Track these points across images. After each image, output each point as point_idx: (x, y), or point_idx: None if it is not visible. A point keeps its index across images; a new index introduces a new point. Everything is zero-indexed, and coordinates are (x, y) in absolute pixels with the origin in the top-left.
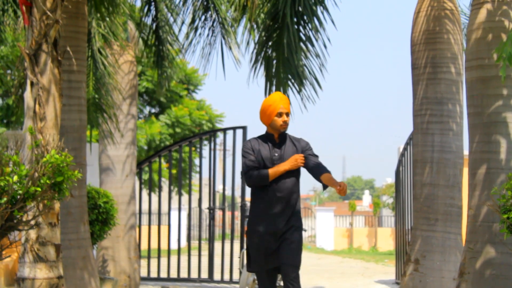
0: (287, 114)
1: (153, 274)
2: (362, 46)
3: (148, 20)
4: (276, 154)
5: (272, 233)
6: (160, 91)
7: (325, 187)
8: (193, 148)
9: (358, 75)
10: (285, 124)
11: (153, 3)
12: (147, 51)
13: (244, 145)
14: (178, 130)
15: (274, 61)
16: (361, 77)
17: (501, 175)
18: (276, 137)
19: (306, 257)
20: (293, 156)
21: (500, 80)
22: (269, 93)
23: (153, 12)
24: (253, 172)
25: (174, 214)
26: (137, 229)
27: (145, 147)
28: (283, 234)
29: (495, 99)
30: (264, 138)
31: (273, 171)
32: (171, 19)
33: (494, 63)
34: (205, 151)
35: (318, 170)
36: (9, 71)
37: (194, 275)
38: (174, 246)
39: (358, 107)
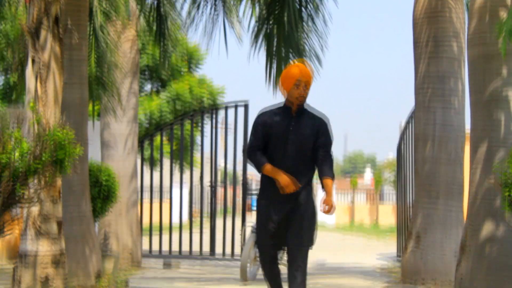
0: (306, 86)
1: (155, 250)
2: (364, 23)
3: None
4: (292, 129)
5: (281, 208)
6: (163, 68)
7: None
8: (194, 124)
9: (360, 51)
10: (302, 97)
11: None
12: (148, 29)
13: (255, 119)
14: (178, 106)
15: (275, 38)
16: (362, 54)
17: (503, 152)
18: (294, 109)
19: None
20: (293, 182)
21: (501, 56)
22: (270, 70)
23: None
24: (253, 154)
25: (175, 190)
26: (139, 205)
27: (145, 124)
28: (293, 210)
29: (497, 76)
30: (281, 110)
31: (269, 170)
32: None
33: (496, 40)
34: (207, 127)
35: (321, 168)
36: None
37: (196, 251)
38: (176, 222)
39: (359, 83)
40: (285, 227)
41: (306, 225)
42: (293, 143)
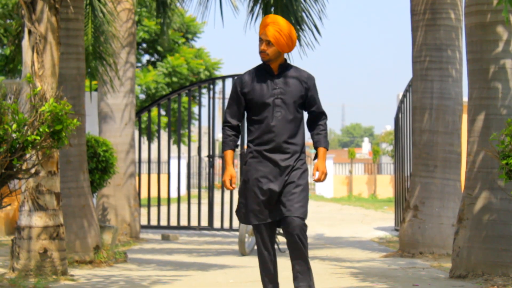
0: (268, 43)
1: (153, 222)
2: None
3: None
4: (277, 88)
5: (271, 178)
6: (163, 39)
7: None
8: (191, 97)
9: (357, 22)
10: (263, 53)
11: None
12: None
13: (233, 84)
14: (174, 79)
15: (272, 7)
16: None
17: (500, 121)
18: (274, 67)
19: None
20: (230, 180)
21: (499, 25)
22: None
23: None
24: (223, 132)
25: (173, 162)
26: (137, 178)
27: (142, 96)
28: (285, 178)
29: (494, 45)
30: (261, 68)
31: (225, 157)
32: None
33: (493, 9)
34: (204, 100)
35: (314, 139)
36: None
37: (194, 223)
38: (173, 194)
39: (357, 55)
40: (277, 194)
41: (300, 194)
42: (280, 105)
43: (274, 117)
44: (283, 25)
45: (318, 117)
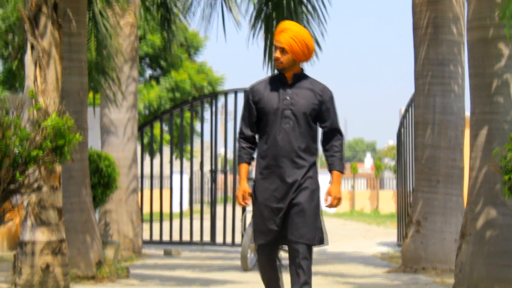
0: (282, 50)
1: (156, 238)
2: (363, 6)
3: None
4: (288, 98)
5: (278, 195)
6: (169, 55)
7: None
8: (194, 112)
9: (360, 36)
10: (276, 61)
11: None
12: (147, 15)
13: (246, 93)
14: (178, 94)
15: (274, 22)
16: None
17: (503, 136)
18: (289, 76)
19: None
20: (242, 196)
21: (501, 40)
22: (269, 54)
23: None
24: (239, 144)
25: (175, 177)
26: (139, 193)
27: (144, 112)
28: (292, 197)
29: (497, 60)
30: (276, 78)
31: (240, 172)
32: None
33: (495, 24)
34: (207, 115)
35: (329, 160)
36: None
37: (196, 238)
38: (176, 209)
39: (360, 69)
40: (284, 218)
41: (309, 218)
42: (289, 116)
43: (281, 129)
44: (299, 31)
45: (331, 135)
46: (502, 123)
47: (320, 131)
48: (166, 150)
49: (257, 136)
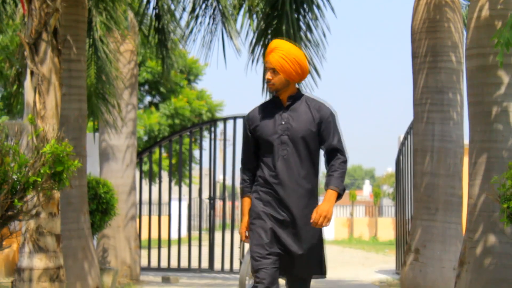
0: (273, 71)
1: (154, 264)
2: (362, 34)
3: (149, 9)
4: (284, 123)
5: (277, 223)
6: (165, 80)
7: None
8: (193, 139)
9: (358, 63)
10: (269, 84)
11: None
12: (146, 42)
13: (243, 121)
14: (177, 121)
15: None
16: (361, 65)
17: (502, 164)
18: (284, 98)
19: None
20: (243, 230)
21: (500, 68)
22: None
23: (153, 1)
24: (241, 175)
25: (174, 204)
26: (138, 219)
27: (144, 138)
28: (293, 232)
29: (496, 87)
30: (271, 101)
31: (242, 205)
32: (173, 7)
33: (494, 52)
34: (206, 141)
35: (327, 177)
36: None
37: (194, 265)
38: (174, 236)
39: (358, 96)
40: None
41: (311, 253)
42: (286, 142)
43: (279, 156)
44: (289, 49)
45: (331, 155)
46: (501, 151)
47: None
48: (165, 176)
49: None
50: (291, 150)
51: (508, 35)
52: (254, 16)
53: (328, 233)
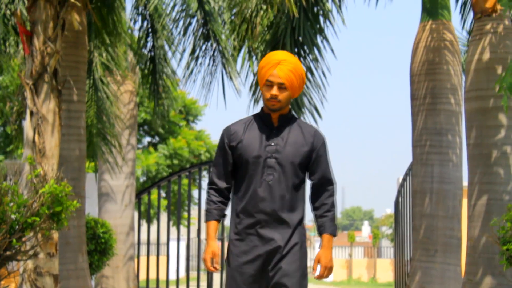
0: (281, 86)
1: None
2: (361, 75)
3: (146, 50)
4: (273, 144)
5: (257, 262)
6: (156, 122)
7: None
8: (191, 179)
9: (357, 104)
10: (274, 100)
11: (150, 34)
12: (144, 82)
13: (221, 135)
14: (175, 161)
15: None
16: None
17: (501, 207)
18: (274, 118)
19: None
20: (211, 259)
21: (499, 111)
22: None
23: (150, 42)
24: (208, 196)
25: (172, 244)
26: (136, 260)
27: (142, 178)
28: (277, 267)
29: (495, 130)
30: (258, 118)
31: (207, 230)
32: (170, 49)
33: (493, 94)
34: (204, 182)
35: (319, 220)
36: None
37: None
38: (173, 276)
39: (357, 137)
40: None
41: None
42: (273, 166)
43: (263, 182)
44: (296, 63)
45: (322, 189)
46: (501, 193)
47: (308, 183)
48: (164, 217)
49: (230, 187)
50: (277, 176)
51: (511, 80)
52: (254, 57)
53: None
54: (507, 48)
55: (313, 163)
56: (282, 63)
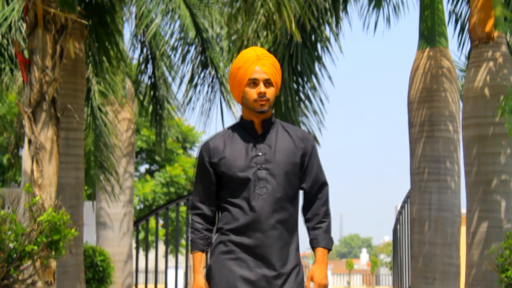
0: (268, 83)
1: None
2: (359, 104)
3: (145, 78)
4: (260, 154)
5: (253, 283)
6: (160, 150)
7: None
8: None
9: (355, 132)
10: (263, 98)
11: (150, 61)
12: (144, 110)
13: (199, 153)
14: (172, 189)
15: None
16: (358, 135)
17: (500, 234)
18: (257, 124)
19: None
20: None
21: (498, 138)
22: None
23: (149, 70)
24: (192, 222)
25: (171, 272)
26: None
27: (139, 206)
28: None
29: (493, 157)
30: (238, 128)
31: (193, 262)
32: (170, 77)
33: (491, 122)
34: None
35: (313, 233)
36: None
37: None
38: None
39: (355, 165)
40: None
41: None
42: (265, 179)
43: (255, 196)
44: (274, 57)
45: (314, 197)
46: (500, 221)
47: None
48: (162, 244)
49: (215, 211)
50: (271, 188)
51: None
52: None
53: None
54: (505, 76)
55: (306, 169)
56: (262, 58)
